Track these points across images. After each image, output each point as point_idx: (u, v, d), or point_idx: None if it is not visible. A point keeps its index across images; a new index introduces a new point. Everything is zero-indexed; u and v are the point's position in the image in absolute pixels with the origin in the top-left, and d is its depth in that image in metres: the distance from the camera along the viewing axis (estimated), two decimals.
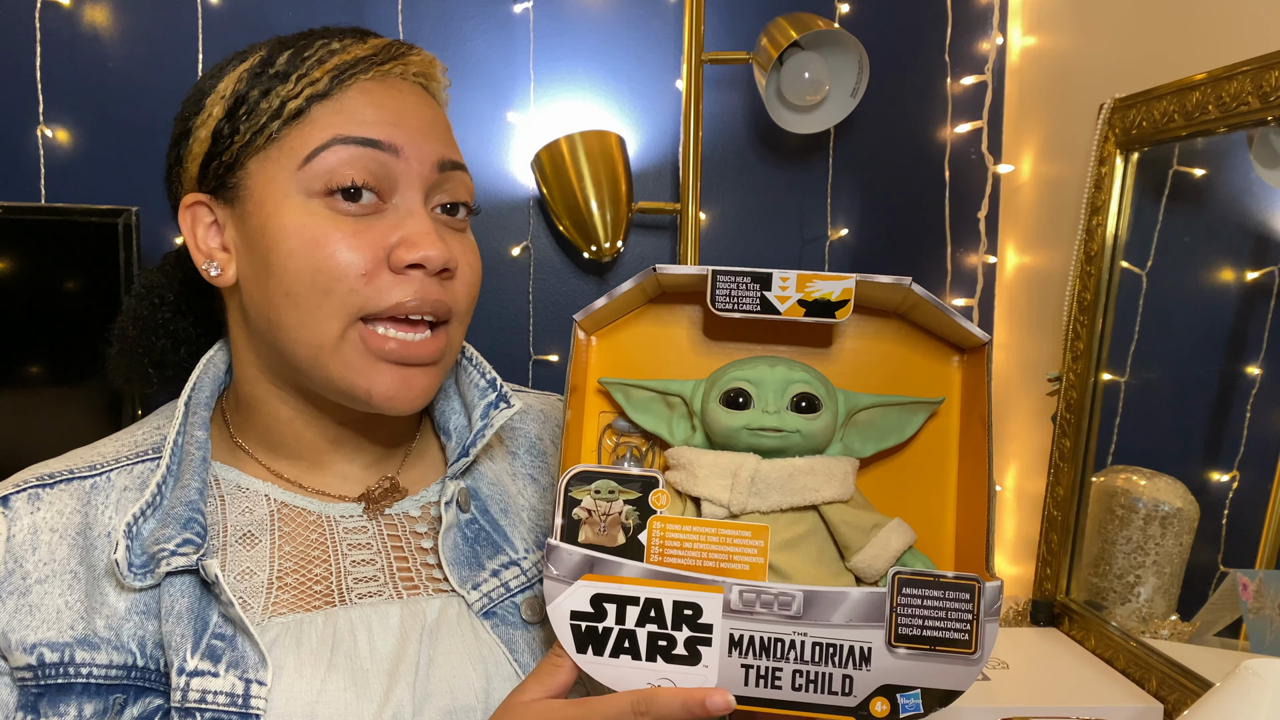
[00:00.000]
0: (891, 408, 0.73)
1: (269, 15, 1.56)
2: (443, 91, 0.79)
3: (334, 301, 0.68)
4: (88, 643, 0.66)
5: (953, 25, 1.68)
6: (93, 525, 0.70)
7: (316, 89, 0.69)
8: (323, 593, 0.72)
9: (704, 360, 0.77)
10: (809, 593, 0.64)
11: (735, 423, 0.70)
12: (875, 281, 0.67)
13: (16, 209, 1.40)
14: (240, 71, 0.71)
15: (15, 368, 1.40)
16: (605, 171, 1.55)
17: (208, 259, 0.73)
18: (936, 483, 0.74)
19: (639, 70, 1.66)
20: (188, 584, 0.67)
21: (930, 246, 1.72)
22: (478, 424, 0.78)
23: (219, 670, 0.65)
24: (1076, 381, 1.40)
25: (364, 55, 0.71)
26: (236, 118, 0.70)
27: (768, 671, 0.64)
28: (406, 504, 0.79)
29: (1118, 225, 1.36)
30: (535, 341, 1.68)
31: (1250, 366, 1.15)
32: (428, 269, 0.69)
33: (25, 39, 1.50)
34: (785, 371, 0.70)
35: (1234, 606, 1.12)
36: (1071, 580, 1.41)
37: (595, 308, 0.73)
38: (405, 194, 0.70)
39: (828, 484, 0.69)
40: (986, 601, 0.63)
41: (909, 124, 1.71)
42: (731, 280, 0.69)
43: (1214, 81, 1.15)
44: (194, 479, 0.71)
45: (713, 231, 1.69)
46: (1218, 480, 1.19)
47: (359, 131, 0.68)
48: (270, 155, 0.69)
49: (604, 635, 0.65)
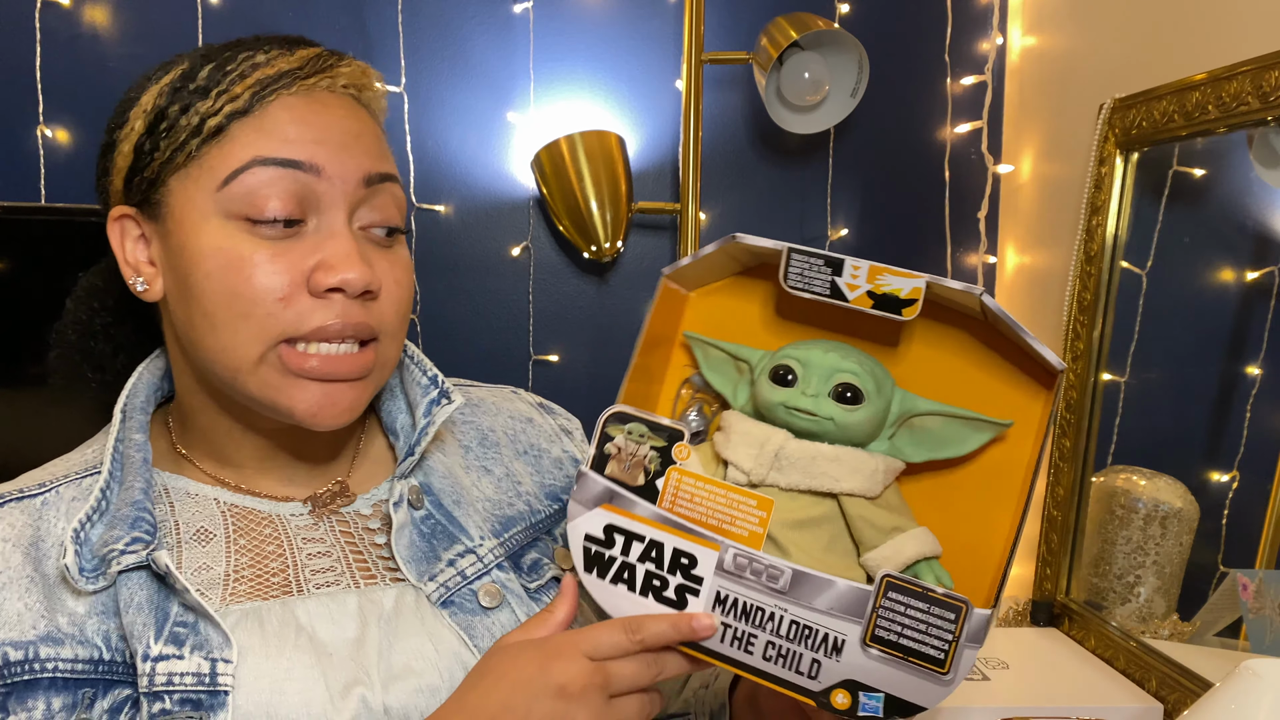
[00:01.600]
0: (953, 419, 0.72)
1: (269, 15, 1.56)
2: (380, 100, 0.77)
3: (252, 325, 0.67)
4: (51, 639, 0.66)
5: (953, 25, 1.68)
6: (44, 537, 0.69)
7: (236, 106, 0.67)
8: (280, 584, 0.72)
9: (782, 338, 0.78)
10: (798, 572, 0.65)
11: (775, 398, 0.71)
12: (947, 285, 0.67)
13: (16, 209, 1.39)
14: (162, 85, 0.69)
15: (15, 368, 1.40)
16: (605, 171, 1.55)
17: (135, 273, 0.72)
18: (994, 510, 0.72)
19: (639, 70, 1.66)
20: (143, 579, 0.67)
21: (930, 246, 1.72)
22: (421, 422, 0.78)
23: (184, 653, 0.65)
24: (1076, 381, 1.40)
25: (288, 69, 0.69)
26: (157, 133, 0.68)
27: (743, 635, 0.66)
28: (358, 504, 0.79)
29: (1118, 225, 1.36)
30: (535, 341, 1.68)
31: (1250, 366, 1.15)
32: (348, 292, 0.68)
33: (25, 39, 1.50)
34: (836, 359, 0.70)
35: (1234, 606, 1.12)
36: (1071, 580, 1.41)
37: (682, 264, 0.75)
38: (328, 213, 0.69)
39: (851, 476, 0.70)
40: (971, 627, 0.62)
41: (909, 124, 1.71)
42: (805, 260, 0.70)
43: (1214, 81, 1.15)
44: (137, 479, 0.71)
45: (713, 231, 1.69)
46: (1218, 480, 1.19)
47: (279, 152, 0.67)
48: (190, 174, 0.68)
49: (609, 562, 0.69)
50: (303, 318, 0.67)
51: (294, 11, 1.57)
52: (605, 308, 1.69)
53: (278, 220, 0.67)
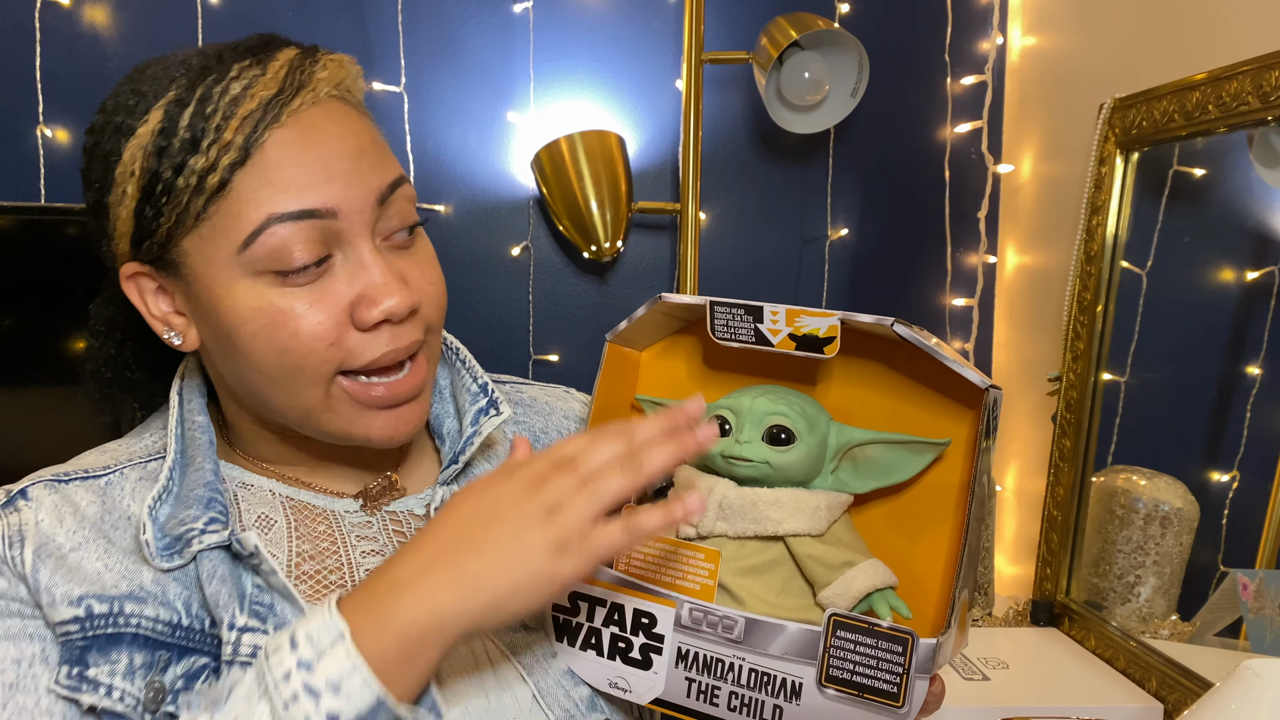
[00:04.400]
0: (893, 446, 0.72)
1: (269, 15, 1.56)
2: (359, 82, 0.74)
3: (308, 373, 0.67)
4: (135, 597, 0.66)
5: (953, 25, 1.68)
6: (111, 511, 0.71)
7: (232, 157, 0.65)
8: (337, 582, 0.72)
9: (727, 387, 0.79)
10: (750, 620, 0.66)
11: (713, 449, 0.71)
12: (858, 320, 0.68)
13: (16, 209, 1.39)
14: (146, 141, 0.66)
15: (15, 368, 1.40)
16: (605, 171, 1.55)
17: (166, 326, 0.71)
18: (940, 530, 0.74)
19: (639, 70, 1.66)
20: (220, 557, 0.68)
21: (930, 246, 1.72)
22: (468, 430, 0.78)
23: (267, 628, 0.66)
24: (1076, 381, 1.40)
25: (270, 97, 0.66)
26: (156, 199, 0.66)
27: (708, 688, 0.67)
28: (410, 501, 0.79)
29: (1118, 225, 1.36)
30: (535, 341, 1.68)
31: (1250, 366, 1.15)
32: (394, 320, 0.68)
33: (25, 39, 1.50)
34: (766, 403, 0.71)
35: (1234, 606, 1.12)
36: (1071, 580, 1.41)
37: (620, 328, 0.76)
38: (352, 245, 0.67)
39: (792, 517, 0.70)
40: (919, 658, 0.62)
41: (909, 124, 1.71)
42: (728, 311, 0.71)
43: (1214, 81, 1.15)
44: (205, 461, 0.71)
45: (713, 231, 1.69)
46: (1218, 480, 1.19)
47: (292, 205, 0.65)
48: (203, 234, 0.66)
49: (576, 629, 0.71)
50: (354, 354, 0.67)
51: (294, 11, 1.57)
52: (605, 308, 1.69)
53: (307, 267, 0.66)
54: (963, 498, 0.73)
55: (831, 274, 1.72)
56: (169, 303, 0.71)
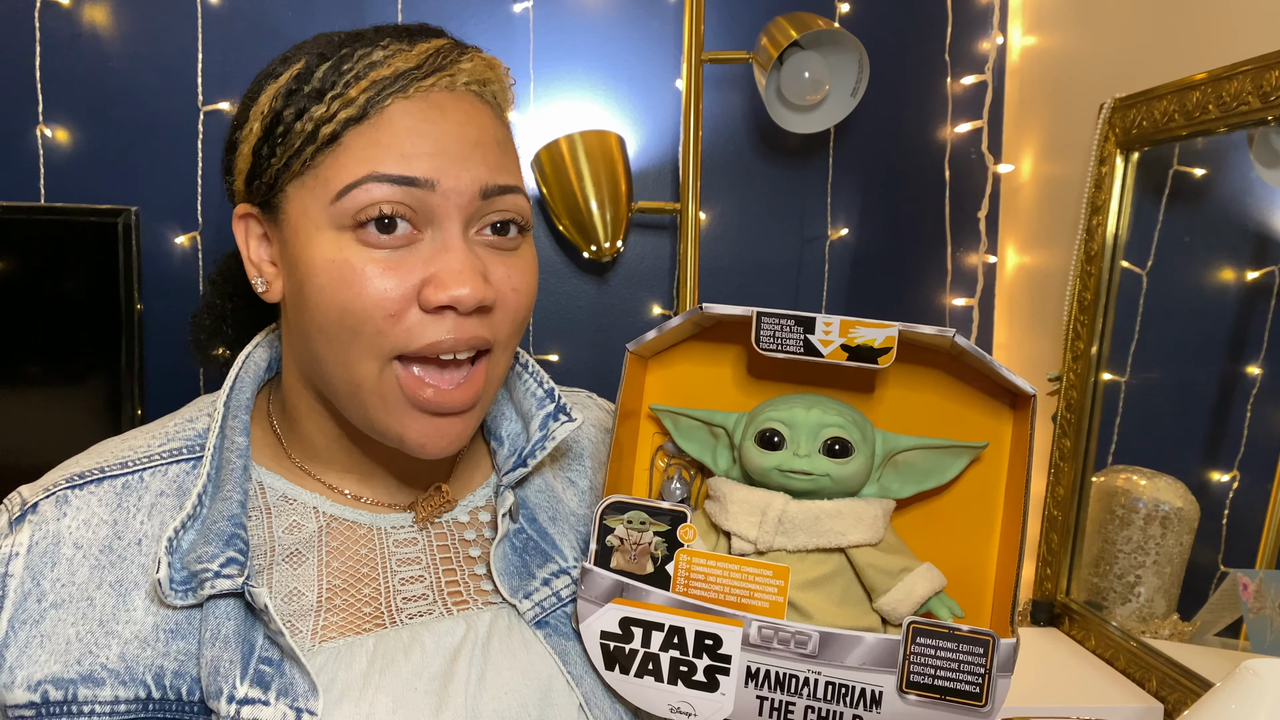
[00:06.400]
0: (933, 450, 0.73)
1: (269, 15, 1.56)
2: (506, 93, 0.75)
3: (363, 342, 0.66)
4: (92, 679, 0.65)
5: (953, 25, 1.68)
6: (122, 535, 0.68)
7: (350, 112, 0.65)
8: (372, 614, 0.70)
9: (751, 396, 0.78)
10: (825, 634, 0.65)
11: (767, 463, 0.71)
12: (919, 332, 0.68)
13: (16, 209, 1.40)
14: (279, 85, 0.68)
15: (15, 368, 1.40)
16: (605, 171, 1.55)
17: (257, 272, 0.71)
18: (981, 529, 0.74)
19: (639, 70, 1.66)
20: (232, 606, 0.66)
21: (930, 246, 1.72)
22: (536, 434, 0.76)
23: (269, 698, 0.64)
24: (1076, 381, 1.40)
25: (406, 69, 0.67)
26: (274, 138, 0.67)
27: (781, 705, 0.66)
28: (456, 510, 0.78)
29: (1118, 225, 1.36)
30: (535, 341, 1.67)
31: (1250, 366, 1.15)
32: (460, 310, 0.66)
33: (25, 39, 1.50)
34: (820, 415, 0.71)
35: (1234, 606, 1.12)
36: (1072, 580, 1.41)
37: (647, 339, 0.74)
38: (443, 225, 0.67)
39: (855, 528, 0.70)
40: (1000, 658, 0.63)
41: (909, 124, 1.71)
42: (776, 322, 0.70)
43: (1214, 81, 1.15)
44: (235, 490, 0.69)
45: (713, 231, 1.69)
46: (1218, 480, 1.19)
47: (394, 169, 0.65)
48: (305, 183, 0.67)
49: (630, 656, 0.69)
50: (412, 334, 0.66)
51: (294, 11, 1.57)
52: (605, 307, 1.68)
53: (391, 219, 0.65)
54: (994, 499, 0.74)
55: (831, 274, 1.72)
56: (268, 250, 0.71)
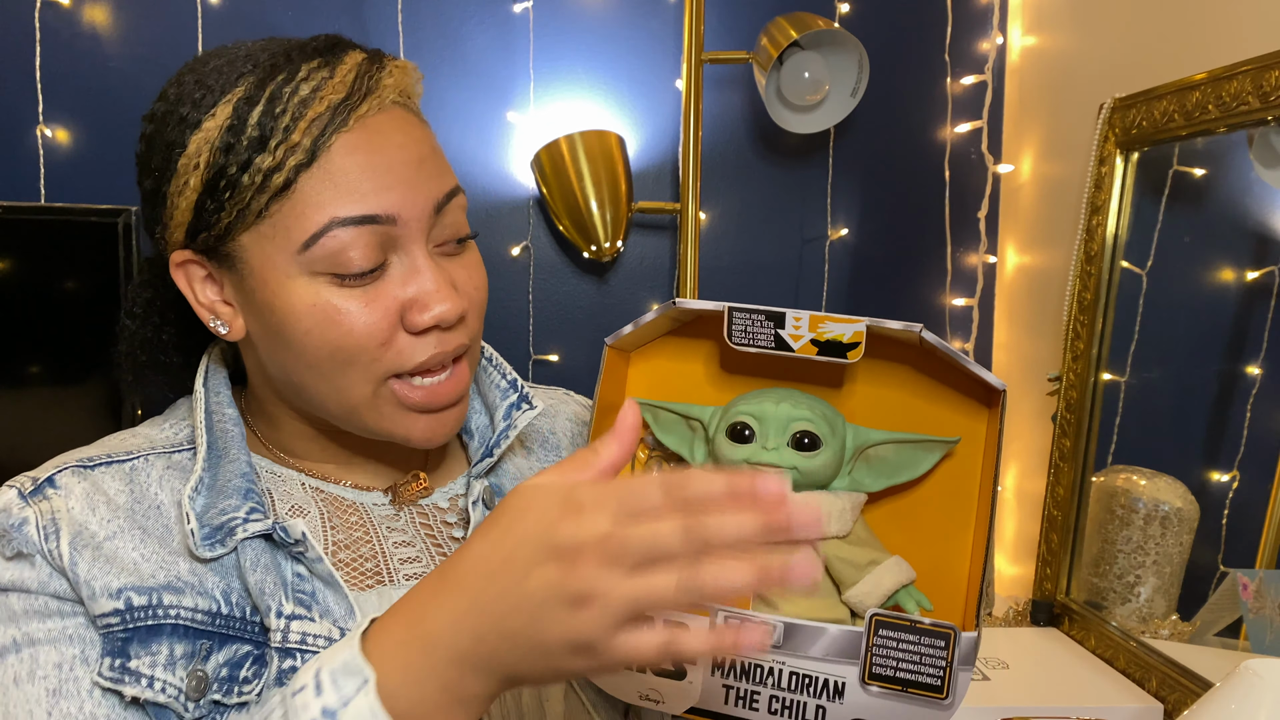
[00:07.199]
0: (904, 445, 0.74)
1: (269, 15, 1.56)
2: (419, 87, 0.76)
3: (357, 370, 0.69)
4: (172, 588, 0.67)
5: (953, 25, 1.68)
6: (141, 500, 0.71)
7: (299, 158, 0.66)
8: (373, 570, 0.73)
9: (727, 390, 0.79)
10: (789, 624, 0.66)
11: (737, 456, 0.72)
12: (887, 326, 0.69)
13: (16, 209, 1.40)
14: (210, 134, 0.67)
15: (15, 368, 1.40)
16: (605, 171, 1.55)
17: (212, 314, 0.73)
18: (956, 525, 0.75)
19: (639, 70, 1.66)
20: (261, 546, 0.69)
21: (930, 246, 1.72)
22: (500, 424, 0.80)
23: (314, 616, 0.67)
24: (1076, 381, 1.40)
25: (338, 101, 0.67)
26: (219, 193, 0.67)
27: (746, 694, 0.67)
28: (436, 496, 0.80)
29: (1118, 225, 1.36)
30: (535, 341, 1.67)
31: (1250, 366, 1.15)
32: (443, 327, 0.70)
33: (25, 39, 1.50)
34: (789, 409, 0.72)
35: (1234, 606, 1.12)
36: (1071, 580, 1.41)
37: (624, 333, 0.76)
38: (408, 251, 0.70)
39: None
40: (962, 651, 0.64)
41: (909, 124, 1.71)
42: (747, 317, 0.71)
43: (1214, 81, 1.15)
44: (240, 454, 0.73)
45: (713, 231, 1.69)
46: (1218, 480, 1.19)
47: (354, 210, 0.67)
48: (263, 231, 0.68)
49: None
50: (404, 356, 0.69)
51: (294, 11, 1.57)
52: (605, 307, 1.68)
53: (365, 272, 0.68)
54: (968, 495, 0.75)
55: (831, 274, 1.72)
56: (216, 292, 0.72)
